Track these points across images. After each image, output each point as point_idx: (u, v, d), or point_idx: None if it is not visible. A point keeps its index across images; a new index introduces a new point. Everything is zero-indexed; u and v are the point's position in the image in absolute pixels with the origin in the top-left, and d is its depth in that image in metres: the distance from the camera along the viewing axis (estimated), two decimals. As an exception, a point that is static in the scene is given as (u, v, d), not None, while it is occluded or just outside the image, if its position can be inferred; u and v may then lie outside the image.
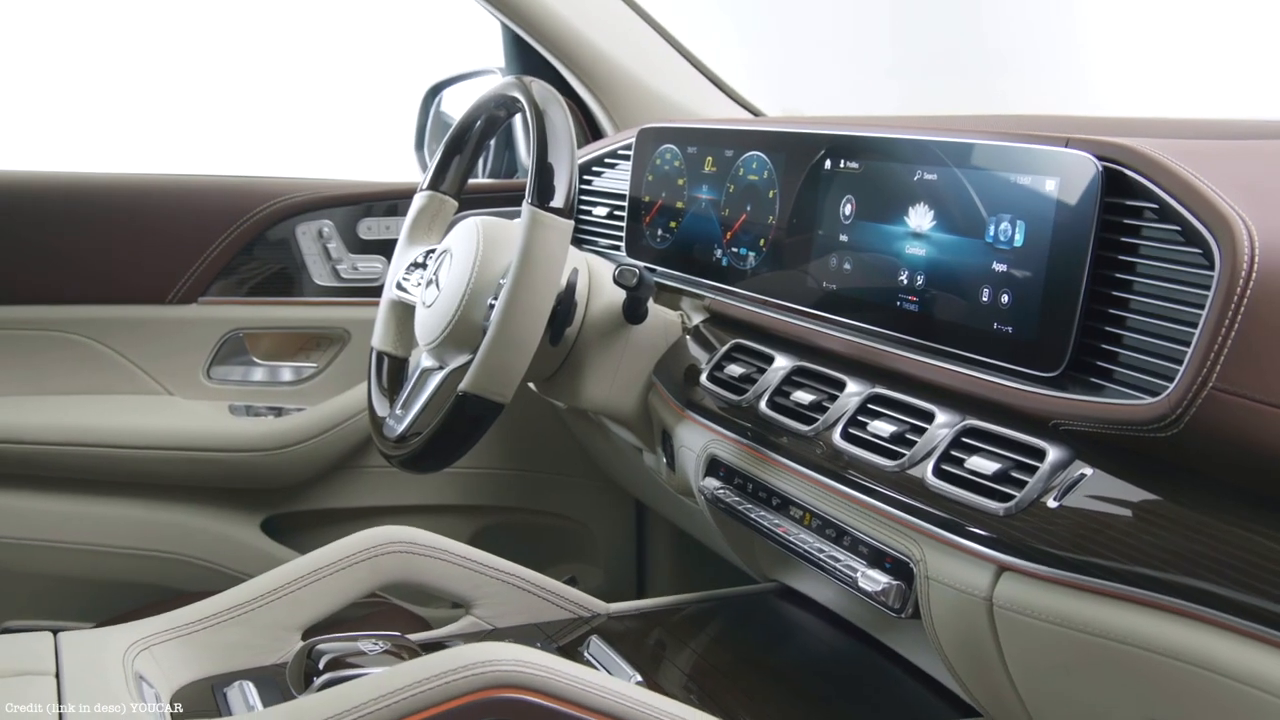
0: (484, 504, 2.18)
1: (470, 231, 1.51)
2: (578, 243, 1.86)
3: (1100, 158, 0.96)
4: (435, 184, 1.72)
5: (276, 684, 1.13)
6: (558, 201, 1.35)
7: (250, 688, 1.13)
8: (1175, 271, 0.91)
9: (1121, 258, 0.96)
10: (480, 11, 1.99)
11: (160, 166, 2.22)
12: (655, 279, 1.59)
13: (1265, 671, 0.80)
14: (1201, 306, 0.86)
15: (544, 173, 1.36)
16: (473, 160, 1.73)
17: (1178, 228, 0.91)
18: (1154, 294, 0.93)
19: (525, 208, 1.35)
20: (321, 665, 1.12)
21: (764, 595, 1.44)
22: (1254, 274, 0.84)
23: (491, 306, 1.40)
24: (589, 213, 1.87)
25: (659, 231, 1.61)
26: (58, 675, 1.03)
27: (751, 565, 1.46)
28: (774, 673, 1.32)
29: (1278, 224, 0.87)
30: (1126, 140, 0.97)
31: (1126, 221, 0.96)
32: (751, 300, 1.39)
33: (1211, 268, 0.86)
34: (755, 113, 2.10)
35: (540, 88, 1.46)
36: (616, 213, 1.75)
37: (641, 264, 1.59)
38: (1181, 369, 0.87)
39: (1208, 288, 0.86)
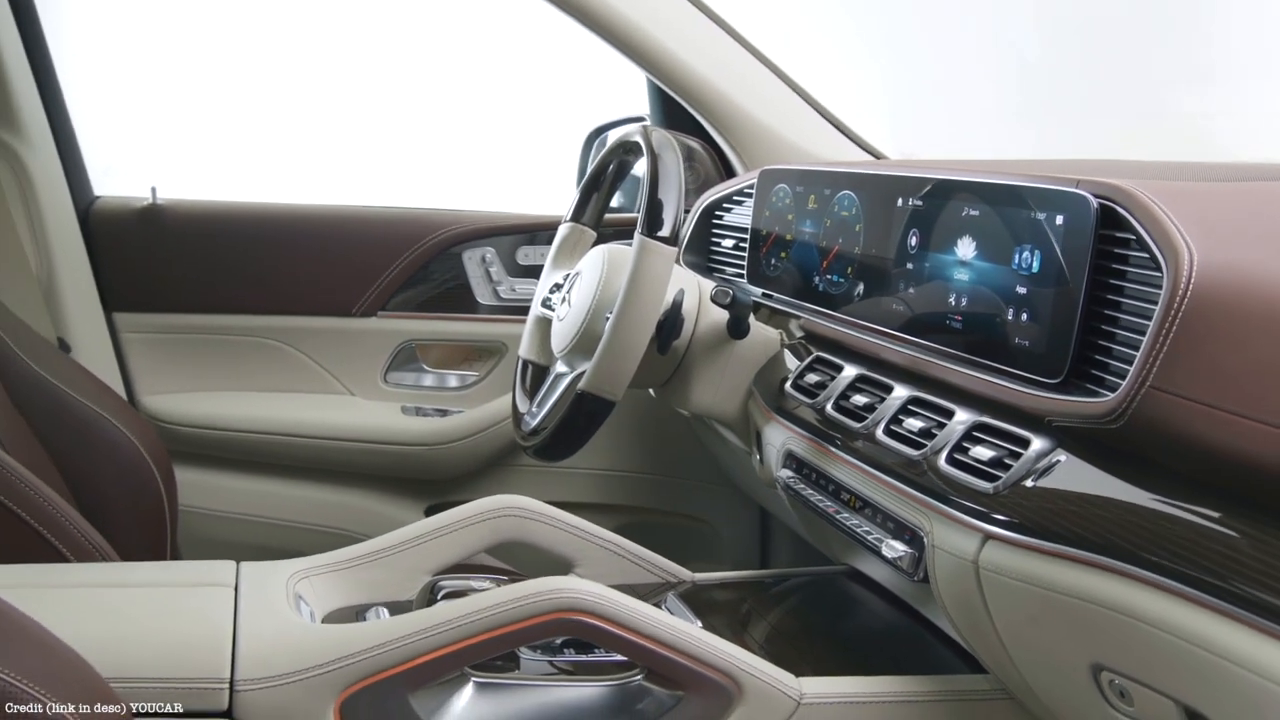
0: (623, 504, 2.33)
1: (598, 257, 1.69)
2: (708, 270, 2.03)
3: (1097, 196, 1.11)
4: (576, 217, 1.90)
5: (405, 611, 1.37)
6: (664, 231, 1.50)
7: (384, 611, 1.36)
8: (1145, 292, 1.05)
9: (1113, 281, 1.10)
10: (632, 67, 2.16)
11: (356, 198, 2.47)
12: (770, 304, 1.75)
13: (1184, 623, 0.94)
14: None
15: (653, 207, 1.51)
16: (608, 196, 1.90)
17: (1147, 255, 1.06)
18: (1132, 311, 1.07)
19: (636, 236, 1.51)
20: (440, 596, 1.35)
21: (834, 575, 1.61)
22: (1189, 293, 0.98)
23: (609, 319, 1.57)
24: (718, 244, 2.02)
25: (772, 261, 1.75)
26: (236, 588, 1.28)
27: (827, 550, 1.63)
28: (823, 631, 1.48)
29: (1222, 255, 1.00)
30: (1119, 181, 1.11)
31: (1117, 251, 1.10)
32: (836, 320, 1.55)
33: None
34: (877, 156, 2.18)
35: (658, 136, 1.60)
36: (741, 244, 1.90)
37: (760, 289, 1.76)
38: (1129, 371, 1.03)
39: (1159, 304, 1.01)
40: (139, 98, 3.17)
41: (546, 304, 1.85)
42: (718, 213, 2.04)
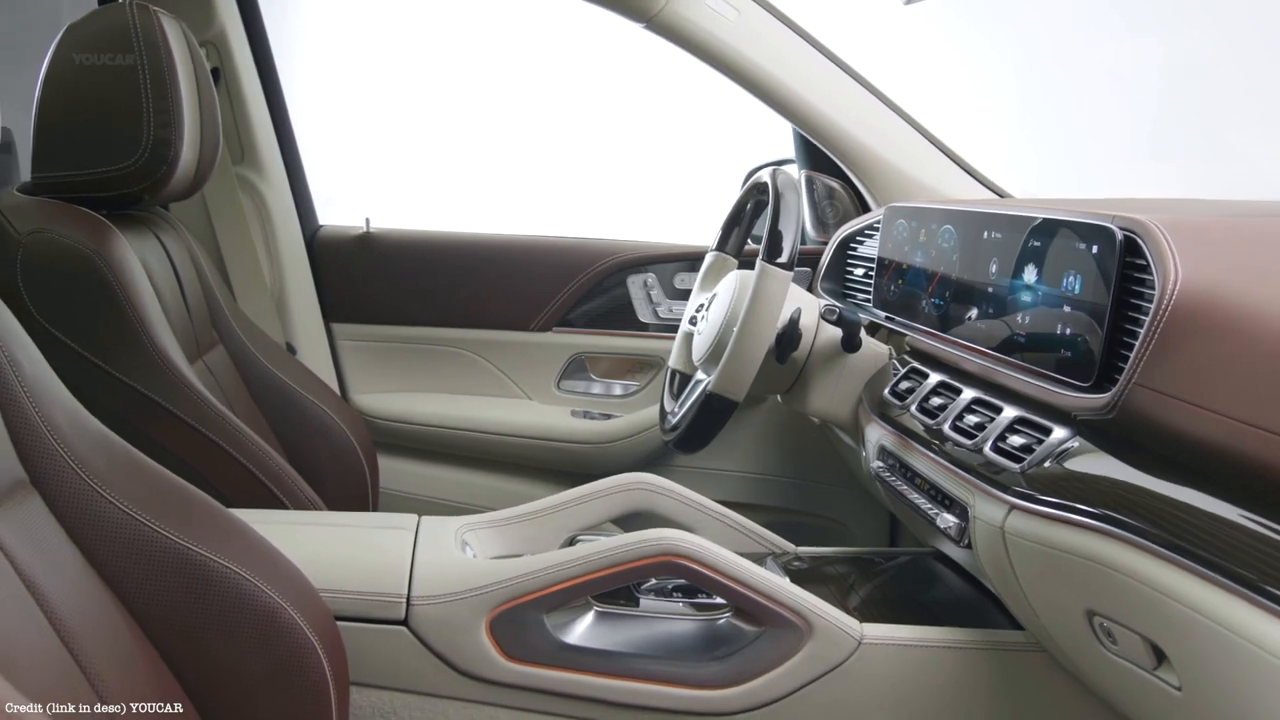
0: (762, 503, 2.54)
1: (731, 281, 1.94)
2: (842, 296, 2.25)
3: (1122, 228, 1.31)
4: (720, 247, 2.15)
5: None
6: (782, 258, 1.71)
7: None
8: (1149, 307, 1.28)
9: (1133, 300, 1.31)
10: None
11: (534, 229, 2.71)
12: (890, 325, 1.94)
13: (1154, 576, 1.14)
14: (1150, 330, 1.22)
15: (774, 237, 1.73)
16: (748, 229, 2.14)
17: (1154, 276, 1.27)
18: (1142, 324, 1.28)
19: (758, 263, 1.73)
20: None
21: (921, 555, 1.82)
22: (1170, 305, 1.18)
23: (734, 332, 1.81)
24: (851, 272, 2.24)
25: (892, 287, 1.95)
26: (416, 533, 1.58)
27: (917, 533, 1.85)
28: (894, 593, 1.68)
29: (1208, 278, 1.19)
30: (1139, 215, 1.30)
31: (1137, 275, 1.31)
32: (932, 336, 1.75)
33: (1158, 301, 1.22)
34: (1000, 194, 2.35)
35: (783, 178, 1.82)
36: (870, 272, 2.12)
37: (883, 313, 1.94)
38: (1123, 370, 1.24)
39: (1155, 315, 1.21)
40: (356, 138, 3.53)
41: (692, 321, 2.10)
42: (852, 245, 2.26)
